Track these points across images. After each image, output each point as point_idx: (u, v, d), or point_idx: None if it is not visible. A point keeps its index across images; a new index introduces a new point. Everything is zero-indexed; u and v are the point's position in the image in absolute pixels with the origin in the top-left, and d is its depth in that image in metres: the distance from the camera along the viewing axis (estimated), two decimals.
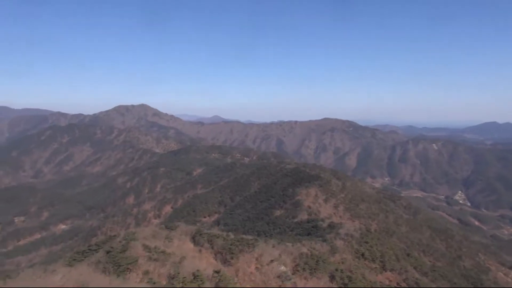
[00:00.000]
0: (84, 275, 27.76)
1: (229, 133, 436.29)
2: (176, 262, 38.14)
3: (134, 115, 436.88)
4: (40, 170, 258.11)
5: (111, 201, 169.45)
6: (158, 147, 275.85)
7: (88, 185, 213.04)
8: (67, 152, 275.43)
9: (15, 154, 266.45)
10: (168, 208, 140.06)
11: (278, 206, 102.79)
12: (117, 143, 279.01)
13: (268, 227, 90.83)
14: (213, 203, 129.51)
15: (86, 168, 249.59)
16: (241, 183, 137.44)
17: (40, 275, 24.89)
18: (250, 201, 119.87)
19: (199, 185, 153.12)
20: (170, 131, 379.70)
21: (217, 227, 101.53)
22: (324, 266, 47.60)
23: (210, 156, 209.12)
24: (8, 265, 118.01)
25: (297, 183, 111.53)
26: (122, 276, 32.29)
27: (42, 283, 21.48)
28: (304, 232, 75.00)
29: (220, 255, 45.40)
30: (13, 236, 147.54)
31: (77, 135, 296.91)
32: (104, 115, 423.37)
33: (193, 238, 49.06)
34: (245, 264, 43.67)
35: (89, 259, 39.49)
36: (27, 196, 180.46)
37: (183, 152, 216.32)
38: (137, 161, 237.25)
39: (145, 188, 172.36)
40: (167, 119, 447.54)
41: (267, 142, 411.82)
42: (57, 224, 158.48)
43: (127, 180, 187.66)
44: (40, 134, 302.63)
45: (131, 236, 43.79)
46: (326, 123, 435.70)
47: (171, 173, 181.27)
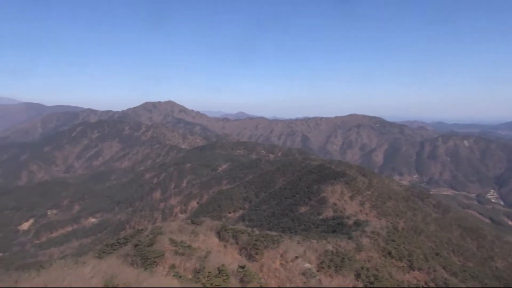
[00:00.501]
0: (113, 267, 28.46)
1: (254, 129, 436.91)
2: (201, 256, 38.54)
3: (161, 111, 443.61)
4: (71, 165, 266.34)
5: (139, 196, 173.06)
6: (184, 143, 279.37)
7: (116, 180, 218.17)
8: (97, 148, 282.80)
9: (48, 150, 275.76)
10: (193, 203, 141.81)
11: (303, 202, 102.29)
12: (144, 139, 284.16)
13: (293, 223, 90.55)
14: (238, 199, 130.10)
15: (115, 163, 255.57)
16: (266, 180, 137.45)
17: (71, 266, 25.71)
18: (275, 197, 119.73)
19: (224, 181, 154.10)
20: (196, 127, 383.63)
21: (242, 222, 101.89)
22: (350, 264, 47.03)
23: (235, 152, 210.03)
24: (41, 256, 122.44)
25: (322, 180, 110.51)
26: (149, 269, 32.92)
27: (73, 274, 22.17)
28: (329, 229, 74.34)
29: (245, 250, 45.57)
30: (46, 228, 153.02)
31: (107, 131, 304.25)
32: (132, 112, 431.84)
33: (218, 233, 49.44)
34: (269, 260, 43.67)
35: (118, 252, 40.48)
36: (59, 190, 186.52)
37: (208, 148, 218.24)
38: (164, 156, 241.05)
39: (172, 184, 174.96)
40: (193, 116, 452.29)
41: (292, 138, 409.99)
42: (87, 217, 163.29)
43: (154, 176, 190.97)
44: (71, 130, 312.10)
45: (158, 230, 44.58)
46: (352, 119, 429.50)
47: (197, 169, 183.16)
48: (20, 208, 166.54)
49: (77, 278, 20.84)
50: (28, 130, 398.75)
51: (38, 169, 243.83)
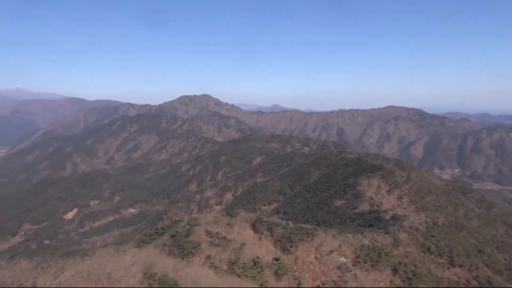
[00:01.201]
0: (151, 257, 29.30)
1: (288, 122, 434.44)
2: (236, 248, 38.95)
3: (197, 105, 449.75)
4: (112, 157, 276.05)
5: (176, 188, 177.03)
6: (219, 136, 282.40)
7: (154, 172, 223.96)
8: (136, 141, 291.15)
9: (90, 142, 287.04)
10: (229, 195, 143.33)
11: (338, 196, 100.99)
12: (181, 132, 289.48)
13: (328, 217, 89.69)
14: (272, 192, 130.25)
15: (152, 155, 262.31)
16: (300, 173, 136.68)
17: (112, 255, 26.69)
18: (309, 190, 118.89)
19: (259, 174, 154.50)
20: (230, 120, 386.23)
21: (277, 215, 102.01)
22: (387, 259, 46.11)
23: (270, 145, 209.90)
24: (85, 244, 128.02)
25: (359, 173, 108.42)
26: (186, 259, 33.64)
27: (115, 261, 23.00)
28: (365, 224, 73.03)
29: (279, 243, 45.66)
30: (89, 218, 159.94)
31: (145, 125, 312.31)
32: (169, 105, 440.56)
33: (253, 226, 49.78)
34: (304, 253, 43.55)
35: (156, 241, 41.68)
36: (101, 182, 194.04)
37: (243, 141, 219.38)
38: (199, 149, 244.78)
39: (207, 176, 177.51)
40: (228, 109, 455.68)
41: (327, 131, 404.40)
42: (127, 208, 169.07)
43: (190, 168, 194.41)
44: (111, 124, 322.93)
45: (194, 222, 45.42)
46: (390, 111, 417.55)
47: (232, 161, 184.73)
48: (65, 198, 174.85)
49: (118, 266, 21.60)
50: (72, 124, 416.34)
51: (81, 161, 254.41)
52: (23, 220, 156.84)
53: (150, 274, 22.69)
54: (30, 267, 20.52)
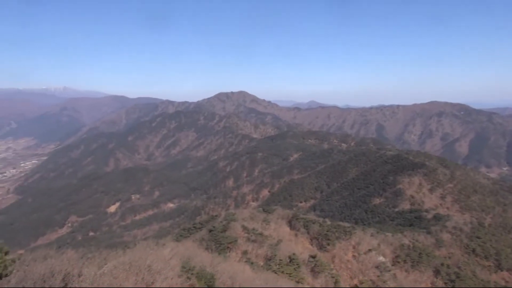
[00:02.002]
0: (189, 251, 29.87)
1: (326, 119, 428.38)
2: (273, 244, 38.99)
3: (234, 101, 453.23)
4: (152, 153, 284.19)
5: (213, 183, 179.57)
6: (256, 133, 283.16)
7: (192, 167, 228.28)
8: (175, 137, 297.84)
9: (131, 139, 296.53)
10: (265, 192, 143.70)
11: (377, 194, 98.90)
12: (218, 128, 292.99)
13: (366, 215, 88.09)
14: (309, 189, 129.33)
15: (190, 152, 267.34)
16: (338, 170, 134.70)
17: (152, 247, 27.46)
18: (347, 188, 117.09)
19: (296, 171, 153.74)
20: (267, 117, 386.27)
21: (313, 212, 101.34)
22: (428, 260, 44.56)
23: (307, 141, 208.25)
24: (126, 237, 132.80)
25: (399, 171, 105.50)
26: (223, 254, 34.06)
27: (154, 254, 23.63)
28: (405, 223, 71.05)
29: (316, 240, 45.27)
30: (131, 212, 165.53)
31: (183, 122, 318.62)
32: (206, 102, 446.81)
33: (290, 222, 49.63)
34: (341, 251, 42.94)
35: (194, 236, 42.50)
36: (141, 177, 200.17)
37: (279, 138, 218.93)
38: (236, 146, 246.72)
39: (244, 172, 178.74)
40: (265, 105, 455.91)
41: (366, 128, 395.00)
42: (166, 202, 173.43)
43: (227, 164, 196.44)
44: (151, 121, 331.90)
45: (231, 217, 45.90)
46: (433, 107, 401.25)
47: (268, 158, 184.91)
48: (108, 192, 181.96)
49: (158, 259, 22.15)
50: (115, 121, 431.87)
51: (123, 156, 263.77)
52: (70, 213, 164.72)
53: (188, 268, 23.12)
54: (76, 257, 21.44)
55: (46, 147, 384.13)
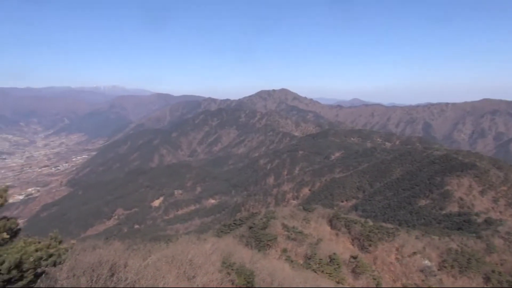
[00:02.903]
0: (230, 246, 30.28)
1: (369, 117, 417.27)
2: (313, 243, 38.68)
3: (275, 99, 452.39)
4: (194, 150, 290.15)
5: (253, 181, 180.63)
6: (297, 131, 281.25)
7: (233, 164, 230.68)
8: (216, 134, 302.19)
9: (175, 136, 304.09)
10: (306, 190, 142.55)
11: (423, 195, 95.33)
12: (259, 126, 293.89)
13: (411, 217, 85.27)
14: (351, 188, 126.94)
15: (232, 149, 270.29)
16: (381, 169, 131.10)
17: (194, 242, 28.11)
18: (391, 188, 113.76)
19: (337, 169, 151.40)
20: (308, 115, 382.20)
21: (355, 212, 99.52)
22: (478, 266, 42.30)
23: (349, 140, 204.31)
24: (169, 231, 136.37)
25: (447, 172, 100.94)
26: (263, 251, 34.22)
27: (196, 249, 24.15)
28: (453, 226, 67.92)
29: (357, 241, 44.41)
30: (174, 206, 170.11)
31: (225, 119, 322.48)
32: (248, 100, 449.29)
33: (330, 222, 49.00)
34: (384, 253, 41.84)
35: (234, 232, 43.03)
36: (184, 172, 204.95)
37: (321, 136, 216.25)
38: (277, 143, 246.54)
39: (284, 170, 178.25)
40: (306, 103, 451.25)
41: (412, 126, 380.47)
42: (207, 198, 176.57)
43: (268, 162, 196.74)
44: (194, 118, 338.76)
45: (271, 215, 46.01)
46: (485, 105, 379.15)
47: (309, 156, 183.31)
48: (152, 187, 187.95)
49: (199, 253, 22.64)
50: (159, 118, 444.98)
51: (167, 153, 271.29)
52: (117, 205, 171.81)
53: (229, 264, 23.42)
54: (122, 248, 22.36)
55: (95, 143, 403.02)
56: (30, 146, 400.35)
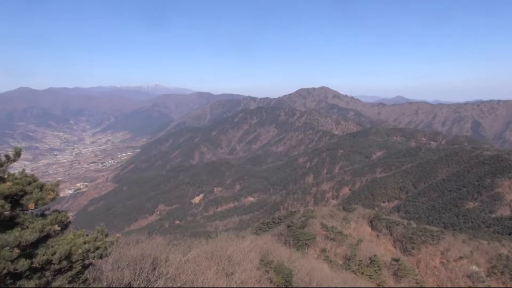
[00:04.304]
0: (268, 244, 30.35)
1: (413, 115, 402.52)
2: (352, 244, 37.99)
3: (315, 97, 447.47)
4: (234, 148, 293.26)
5: (292, 179, 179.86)
6: (337, 129, 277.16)
7: (272, 163, 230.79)
8: (256, 133, 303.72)
9: (215, 134, 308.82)
10: (346, 190, 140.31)
11: (471, 197, 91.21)
12: (298, 124, 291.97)
13: (457, 220, 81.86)
14: (393, 189, 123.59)
15: (271, 147, 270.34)
16: (426, 169, 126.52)
17: (233, 239, 28.42)
18: (436, 189, 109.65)
19: (379, 169, 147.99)
20: (349, 113, 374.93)
21: (397, 213, 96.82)
22: None
23: (392, 139, 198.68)
24: (208, 227, 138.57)
25: (498, 173, 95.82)
26: (301, 250, 34.02)
27: (235, 246, 24.41)
28: (504, 231, 64.48)
29: (399, 243, 43.13)
30: (213, 203, 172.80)
31: (264, 117, 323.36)
32: (287, 98, 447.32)
33: (371, 222, 47.92)
34: (428, 257, 40.35)
35: (273, 230, 43.08)
36: (224, 170, 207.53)
37: (362, 135, 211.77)
38: (316, 142, 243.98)
39: (324, 169, 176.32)
40: (347, 101, 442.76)
41: (459, 125, 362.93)
42: (246, 196, 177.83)
43: (307, 160, 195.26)
44: (234, 116, 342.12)
45: (310, 214, 45.64)
46: None
47: (350, 155, 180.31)
48: (193, 184, 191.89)
49: (238, 250, 22.87)
50: (200, 116, 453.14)
51: (207, 150, 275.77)
52: (159, 201, 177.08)
53: (267, 262, 23.48)
54: (164, 243, 23.03)
55: (139, 140, 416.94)
56: (79, 143, 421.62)
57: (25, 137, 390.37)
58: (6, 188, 7.64)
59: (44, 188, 8.81)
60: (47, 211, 9.27)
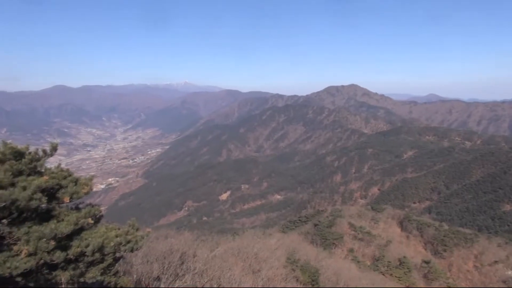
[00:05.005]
0: (295, 242, 30.29)
1: (447, 113, 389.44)
2: (381, 244, 37.38)
3: (344, 95, 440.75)
4: (261, 146, 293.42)
5: (320, 178, 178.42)
6: (367, 128, 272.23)
7: (299, 161, 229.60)
8: (283, 131, 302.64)
9: (242, 131, 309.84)
10: (374, 189, 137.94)
11: (507, 199, 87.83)
12: (326, 122, 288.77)
13: (493, 222, 78.95)
14: (424, 189, 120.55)
15: (298, 145, 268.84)
16: (460, 170, 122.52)
17: (259, 236, 28.53)
18: (470, 190, 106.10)
19: (410, 169, 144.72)
20: (379, 111, 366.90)
21: (428, 215, 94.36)
22: None
23: (423, 138, 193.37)
24: (235, 224, 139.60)
25: None
26: (328, 249, 33.75)
27: (261, 243, 24.47)
28: None
29: (430, 245, 42.04)
30: (240, 201, 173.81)
31: (292, 115, 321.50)
32: (315, 96, 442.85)
33: (401, 223, 46.94)
34: (460, 260, 39.12)
35: (299, 229, 42.95)
36: (251, 168, 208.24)
37: (392, 133, 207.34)
38: (345, 140, 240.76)
39: (352, 168, 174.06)
40: (377, 99, 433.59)
41: (496, 124, 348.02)
42: (273, 194, 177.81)
43: (335, 159, 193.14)
44: (262, 114, 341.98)
45: (337, 213, 45.19)
46: None
47: (379, 154, 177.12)
48: (220, 181, 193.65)
49: (264, 247, 22.95)
50: (228, 114, 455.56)
51: (234, 148, 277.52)
52: (187, 198, 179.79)
53: (293, 260, 23.43)
54: (192, 239, 23.36)
55: (168, 137, 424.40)
56: (110, 140, 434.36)
57: (60, 133, 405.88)
58: (43, 182, 7.97)
59: (78, 182, 9.14)
60: (81, 204, 9.63)
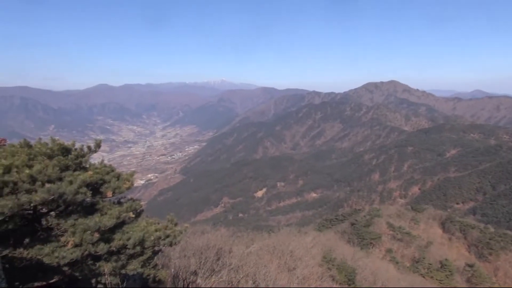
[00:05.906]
0: (331, 241, 29.96)
1: (494, 110, 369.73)
2: (421, 246, 36.28)
3: (383, 92, 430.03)
4: (297, 143, 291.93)
5: (357, 176, 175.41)
6: (407, 125, 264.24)
7: (336, 159, 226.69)
8: (320, 128, 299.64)
9: (278, 129, 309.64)
10: (415, 189, 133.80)
11: None
12: (365, 120, 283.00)
13: None
14: (468, 189, 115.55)
15: (335, 143, 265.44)
16: (508, 170, 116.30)
17: (295, 234, 28.47)
18: None
19: (452, 168, 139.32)
20: (420, 108, 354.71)
21: (473, 216, 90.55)
22: None
23: (468, 136, 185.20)
24: (271, 221, 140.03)
25: None
26: (365, 249, 33.14)
27: (297, 241, 24.41)
28: None
29: (474, 248, 40.24)
30: (276, 198, 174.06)
31: (329, 112, 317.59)
32: (353, 93, 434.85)
33: (443, 224, 45.25)
34: (507, 264, 37.20)
35: (336, 227, 42.42)
36: (287, 165, 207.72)
37: (434, 131, 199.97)
38: (384, 138, 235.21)
39: (391, 167, 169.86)
40: (418, 95, 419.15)
41: None
42: (309, 192, 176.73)
43: (373, 157, 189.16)
44: (298, 111, 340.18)
45: (375, 212, 44.25)
46: None
47: (420, 152, 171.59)
48: (256, 178, 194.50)
49: (300, 245, 22.85)
50: (264, 111, 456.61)
51: (270, 145, 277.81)
52: (223, 194, 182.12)
53: (330, 259, 23.20)
54: (228, 235, 23.70)
55: (205, 134, 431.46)
56: (150, 137, 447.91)
57: (103, 130, 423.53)
58: (88, 177, 8.36)
59: (120, 177, 9.52)
60: (123, 199, 10.02)
